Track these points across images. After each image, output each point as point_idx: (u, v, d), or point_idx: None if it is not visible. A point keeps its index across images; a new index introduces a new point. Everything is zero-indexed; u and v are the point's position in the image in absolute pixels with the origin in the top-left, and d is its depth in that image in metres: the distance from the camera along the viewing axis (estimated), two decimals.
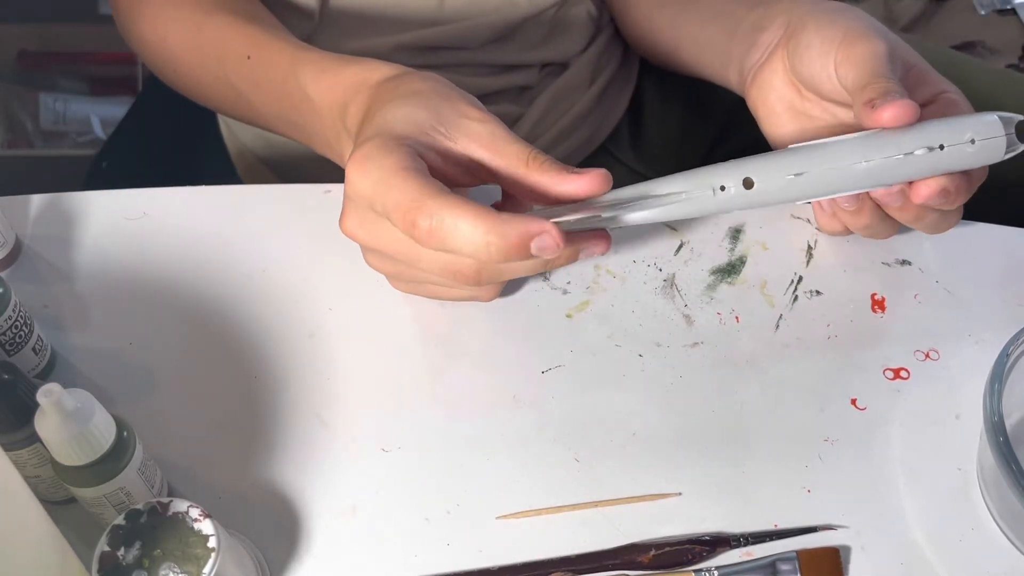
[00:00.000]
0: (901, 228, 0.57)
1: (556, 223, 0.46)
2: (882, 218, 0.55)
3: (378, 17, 0.73)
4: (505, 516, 0.49)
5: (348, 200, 0.50)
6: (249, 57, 0.59)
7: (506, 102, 0.79)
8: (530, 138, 0.79)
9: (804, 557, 0.47)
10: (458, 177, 0.50)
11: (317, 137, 0.57)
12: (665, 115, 0.86)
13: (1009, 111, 0.69)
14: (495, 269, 0.49)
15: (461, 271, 0.49)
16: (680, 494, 0.50)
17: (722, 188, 0.50)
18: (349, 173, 0.48)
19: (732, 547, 0.47)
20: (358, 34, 0.73)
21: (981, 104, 0.69)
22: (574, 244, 0.49)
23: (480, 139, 0.49)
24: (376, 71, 0.54)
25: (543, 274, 0.58)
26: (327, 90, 0.55)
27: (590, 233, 0.50)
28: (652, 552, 0.47)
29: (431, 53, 0.75)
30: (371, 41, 0.73)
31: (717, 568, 0.47)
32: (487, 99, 0.78)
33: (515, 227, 0.45)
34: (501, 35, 0.76)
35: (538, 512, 0.49)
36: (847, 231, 0.58)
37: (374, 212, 0.48)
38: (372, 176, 0.47)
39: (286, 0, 0.71)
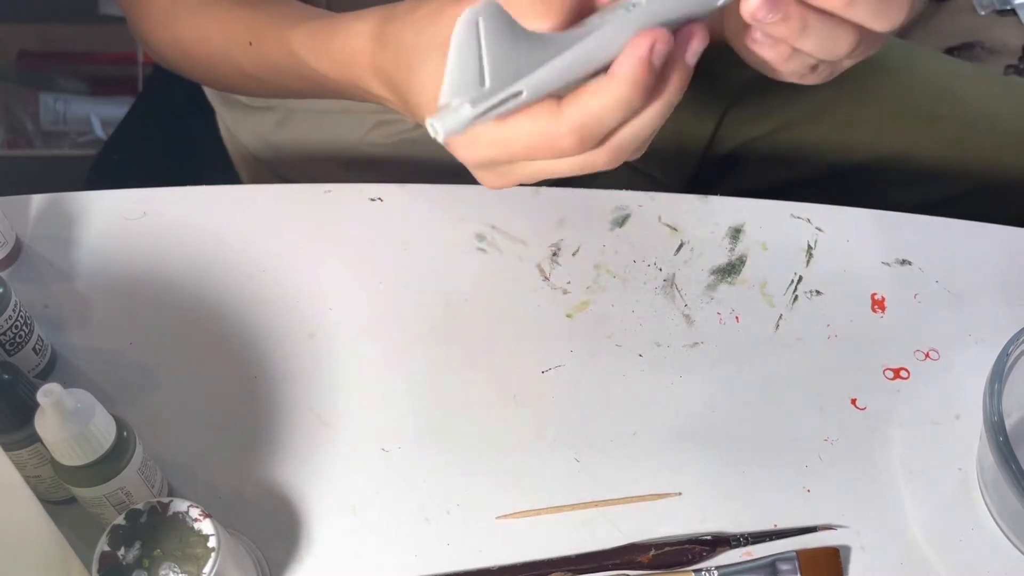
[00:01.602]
0: (902, 226, 0.58)
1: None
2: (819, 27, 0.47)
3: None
4: (505, 516, 0.49)
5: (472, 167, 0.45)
6: (251, 43, 0.58)
7: None
8: None
9: (804, 557, 0.47)
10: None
11: (357, 93, 0.55)
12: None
13: (1005, 117, 0.69)
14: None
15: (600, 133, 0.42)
16: (680, 494, 0.50)
17: None
18: (456, 153, 0.44)
19: (732, 547, 0.47)
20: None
21: (976, 112, 0.68)
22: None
23: None
24: (357, 44, 0.51)
25: (544, 274, 0.58)
26: (330, 68, 0.53)
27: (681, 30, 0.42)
28: (652, 552, 0.47)
29: None
30: None
31: (717, 568, 0.47)
32: None
33: (627, 60, 0.39)
34: None
35: (538, 512, 0.49)
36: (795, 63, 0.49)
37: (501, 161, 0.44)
38: (482, 142, 0.43)
39: None
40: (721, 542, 0.47)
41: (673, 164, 0.86)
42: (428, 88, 0.45)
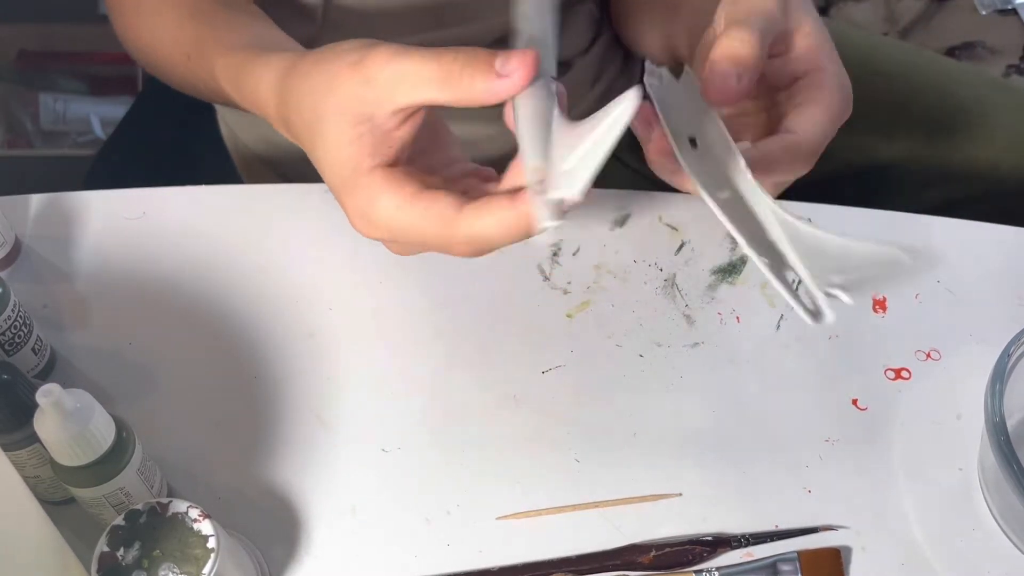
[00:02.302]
0: (902, 226, 0.57)
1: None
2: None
3: (382, 21, 0.73)
4: (505, 516, 0.49)
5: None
6: (188, 57, 0.58)
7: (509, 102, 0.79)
8: None
9: (805, 558, 0.47)
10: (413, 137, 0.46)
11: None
12: None
13: (1000, 121, 0.69)
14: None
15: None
16: (680, 494, 0.50)
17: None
18: (354, 223, 0.46)
19: (733, 548, 0.47)
20: (362, 37, 0.73)
21: (972, 114, 0.68)
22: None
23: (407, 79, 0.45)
24: (262, 92, 0.50)
25: (544, 274, 0.58)
26: (246, 105, 0.52)
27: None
28: (653, 553, 0.47)
29: None
30: None
31: (718, 569, 0.47)
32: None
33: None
34: (505, 35, 0.76)
35: (538, 513, 0.49)
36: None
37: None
38: (380, 227, 0.45)
39: (290, 3, 0.71)
40: (722, 543, 0.47)
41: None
42: (331, 156, 0.46)
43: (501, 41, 0.75)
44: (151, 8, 0.61)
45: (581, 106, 0.80)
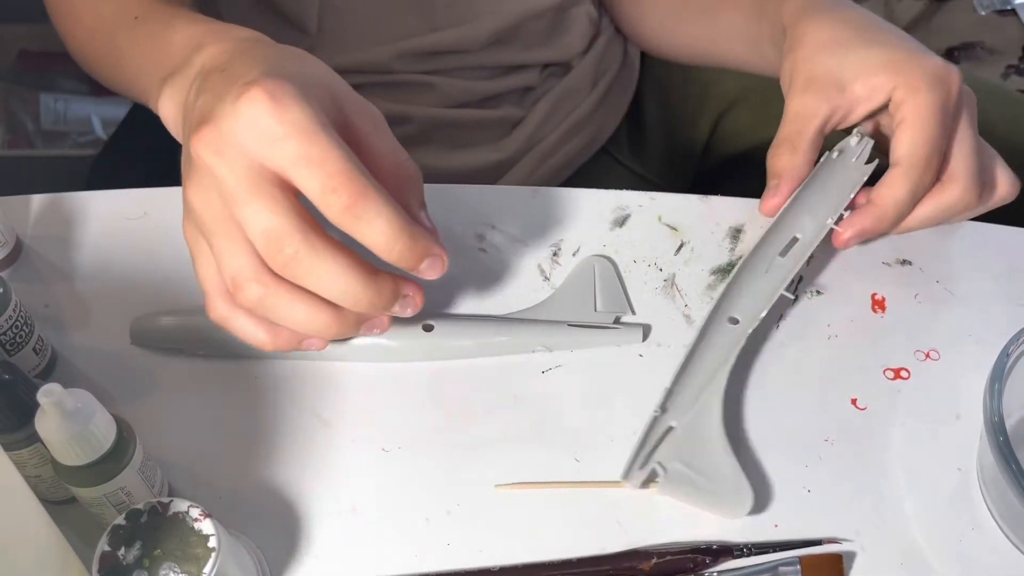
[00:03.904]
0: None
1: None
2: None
3: (376, 27, 0.72)
4: (503, 486, 0.49)
5: (213, 146, 0.42)
6: (136, 18, 0.57)
7: (508, 104, 0.79)
8: (533, 140, 0.79)
9: (806, 563, 0.46)
10: None
11: (153, 75, 0.53)
12: (662, 118, 0.86)
13: (997, 126, 0.69)
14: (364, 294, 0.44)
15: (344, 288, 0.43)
16: None
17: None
18: (241, 107, 0.41)
19: (735, 556, 0.47)
20: (357, 45, 0.73)
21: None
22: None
23: (376, 123, 0.46)
24: (245, 31, 0.50)
25: (544, 274, 0.58)
26: (189, 36, 0.51)
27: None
28: (654, 560, 0.47)
29: (432, 58, 0.74)
30: (372, 51, 0.73)
31: (719, 572, 0.47)
32: (489, 102, 0.78)
33: (420, 238, 0.43)
34: (501, 37, 0.76)
35: (534, 485, 0.49)
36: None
37: (252, 169, 0.41)
38: (287, 118, 0.41)
39: (283, 14, 0.71)
40: (724, 552, 0.47)
41: (669, 168, 0.86)
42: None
43: (496, 43, 0.75)
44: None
45: (581, 109, 0.80)
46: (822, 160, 0.57)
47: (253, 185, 0.41)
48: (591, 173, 0.83)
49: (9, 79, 1.44)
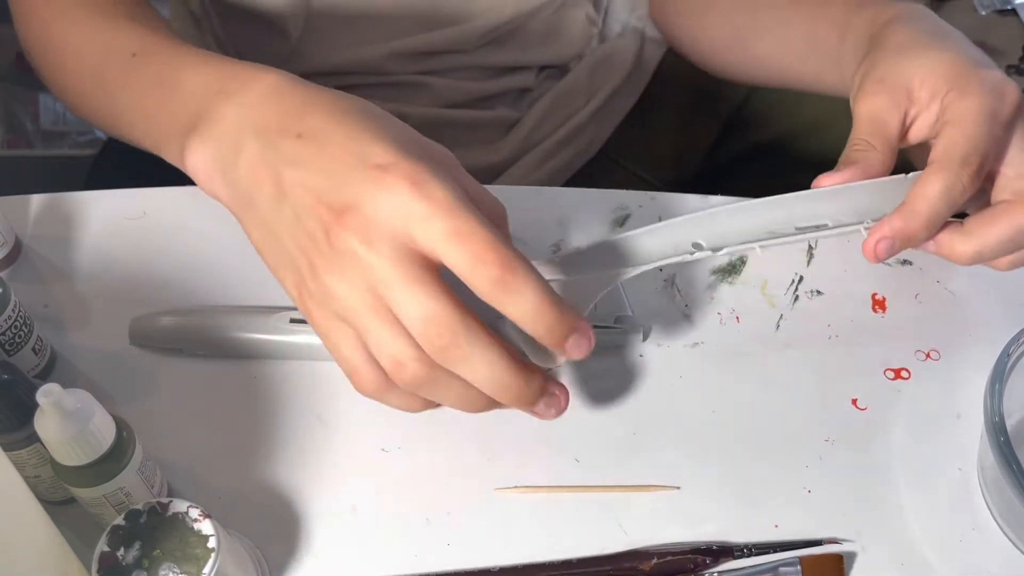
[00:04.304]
0: None
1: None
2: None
3: (367, 25, 0.72)
4: (503, 489, 0.49)
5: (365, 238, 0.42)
6: (134, 54, 0.55)
7: (504, 106, 0.78)
8: (530, 143, 0.79)
9: (807, 563, 0.46)
10: None
11: (168, 123, 0.52)
12: (667, 122, 0.85)
13: None
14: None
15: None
16: (679, 488, 0.50)
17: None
18: (385, 194, 0.41)
19: (736, 557, 0.47)
20: (347, 43, 0.72)
21: None
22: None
23: (454, 164, 0.46)
24: (264, 71, 0.49)
25: None
26: (205, 81, 0.50)
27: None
28: (654, 560, 0.47)
29: (425, 58, 0.74)
30: (362, 49, 0.72)
31: (719, 572, 0.47)
32: (484, 103, 0.77)
33: (567, 312, 0.42)
34: (495, 37, 0.75)
35: (537, 489, 0.49)
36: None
37: (402, 253, 0.41)
38: (432, 197, 0.41)
39: (264, 21, 0.70)
40: (724, 552, 0.47)
41: (672, 171, 0.86)
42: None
43: (491, 43, 0.75)
44: (77, 14, 0.59)
45: (581, 115, 0.80)
46: (895, 176, 0.54)
47: (405, 270, 0.41)
48: (590, 176, 0.83)
49: (9, 79, 1.44)
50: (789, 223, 0.52)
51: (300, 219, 0.44)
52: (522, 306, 0.42)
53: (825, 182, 0.53)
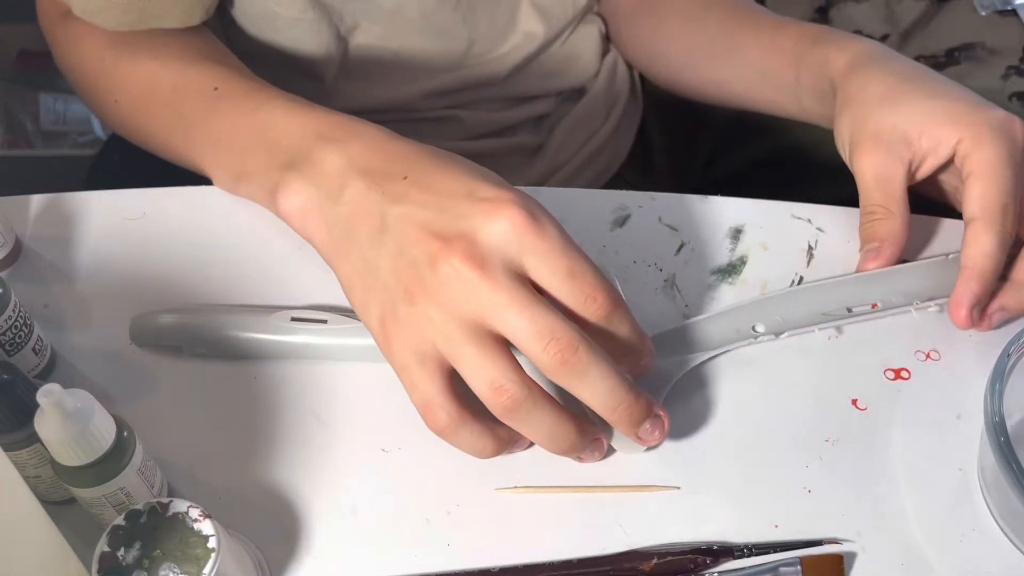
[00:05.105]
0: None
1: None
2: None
3: (402, 67, 0.72)
4: (504, 489, 0.49)
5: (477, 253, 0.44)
6: (216, 89, 0.57)
7: (524, 133, 0.78)
8: (552, 167, 0.78)
9: (807, 563, 0.46)
10: None
11: (260, 159, 0.54)
12: (666, 139, 0.86)
13: None
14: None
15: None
16: (679, 488, 0.50)
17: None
18: (500, 224, 0.43)
19: (736, 557, 0.47)
20: (381, 84, 0.72)
21: None
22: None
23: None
24: (365, 123, 0.52)
25: None
26: (305, 124, 0.52)
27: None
28: (654, 560, 0.47)
29: (454, 95, 0.74)
30: (396, 90, 0.72)
31: (719, 572, 0.47)
32: (506, 132, 0.77)
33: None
34: (521, 67, 0.75)
35: (536, 490, 0.49)
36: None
37: (517, 281, 0.43)
38: (548, 234, 0.44)
39: (297, 66, 0.70)
40: (725, 552, 0.47)
41: (671, 185, 0.86)
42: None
43: (516, 72, 0.75)
44: (161, 52, 0.60)
45: (598, 136, 0.80)
46: (954, 256, 0.56)
47: (522, 293, 0.43)
48: None
49: (9, 79, 1.44)
50: (841, 304, 0.55)
51: (403, 250, 0.45)
52: (623, 337, 0.46)
53: (869, 266, 0.56)
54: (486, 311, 0.43)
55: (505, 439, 0.47)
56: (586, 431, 0.47)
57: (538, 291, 0.44)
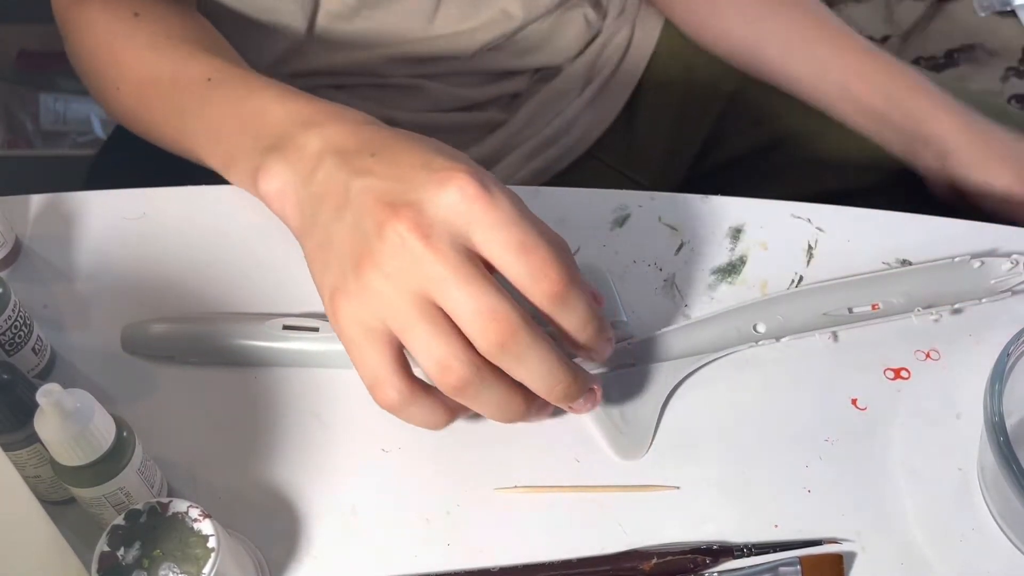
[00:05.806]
0: (902, 226, 0.57)
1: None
2: None
3: (365, 30, 0.72)
4: (503, 489, 0.49)
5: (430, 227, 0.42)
6: (209, 79, 0.57)
7: (495, 109, 0.78)
8: (512, 144, 0.78)
9: (807, 563, 0.46)
10: None
11: (246, 144, 0.53)
12: (657, 123, 0.85)
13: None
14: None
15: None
16: (678, 488, 0.50)
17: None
18: (451, 194, 0.42)
19: (735, 557, 0.47)
20: (346, 48, 0.72)
21: None
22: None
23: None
24: (353, 111, 0.51)
25: None
26: (292, 111, 0.52)
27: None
28: (654, 560, 0.47)
29: (421, 64, 0.74)
30: (360, 54, 0.72)
31: (719, 572, 0.47)
32: (477, 108, 0.77)
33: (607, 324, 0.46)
34: (495, 44, 0.75)
35: (536, 490, 0.49)
36: None
37: (463, 253, 0.42)
38: (500, 206, 0.42)
39: (271, 20, 0.70)
40: (724, 552, 0.47)
41: (662, 172, 0.85)
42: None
43: (491, 49, 0.75)
44: (161, 43, 0.60)
45: (567, 113, 0.79)
46: (959, 260, 0.56)
47: (464, 267, 0.42)
48: (579, 178, 0.82)
49: (9, 79, 1.44)
50: (842, 305, 0.55)
51: (358, 222, 0.44)
52: (575, 318, 0.44)
53: None
54: (429, 283, 0.42)
55: (456, 408, 0.46)
56: (531, 400, 0.46)
57: (490, 269, 0.43)
